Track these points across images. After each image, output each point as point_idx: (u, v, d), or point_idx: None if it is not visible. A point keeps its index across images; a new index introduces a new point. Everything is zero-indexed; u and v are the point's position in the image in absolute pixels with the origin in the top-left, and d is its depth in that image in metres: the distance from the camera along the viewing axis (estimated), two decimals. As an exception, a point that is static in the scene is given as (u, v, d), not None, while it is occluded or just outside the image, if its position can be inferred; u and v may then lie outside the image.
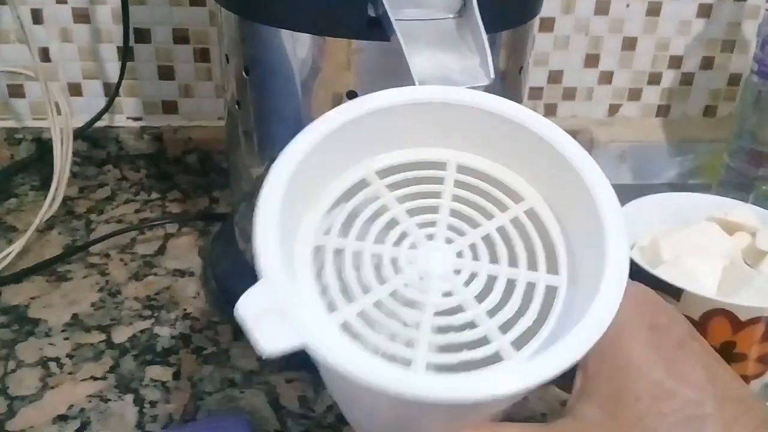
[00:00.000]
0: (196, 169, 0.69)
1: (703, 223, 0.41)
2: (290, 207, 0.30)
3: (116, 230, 0.58)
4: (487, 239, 0.32)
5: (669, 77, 0.73)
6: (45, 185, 0.66)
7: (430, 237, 0.31)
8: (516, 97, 0.45)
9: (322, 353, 0.25)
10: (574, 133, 0.76)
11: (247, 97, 0.43)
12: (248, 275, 0.52)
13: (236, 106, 0.44)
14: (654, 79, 0.73)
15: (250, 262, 0.50)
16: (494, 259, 0.31)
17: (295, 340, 0.25)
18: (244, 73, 0.42)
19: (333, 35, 0.37)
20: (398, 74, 0.36)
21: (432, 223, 0.32)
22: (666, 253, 0.38)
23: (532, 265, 0.31)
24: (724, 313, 0.35)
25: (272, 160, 0.38)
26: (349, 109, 0.32)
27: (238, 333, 0.49)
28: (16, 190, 0.66)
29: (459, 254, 0.31)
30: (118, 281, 0.54)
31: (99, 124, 0.66)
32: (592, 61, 0.71)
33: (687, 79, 0.74)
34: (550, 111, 0.73)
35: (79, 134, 0.65)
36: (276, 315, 0.25)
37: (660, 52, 0.72)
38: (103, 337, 0.49)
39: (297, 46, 0.38)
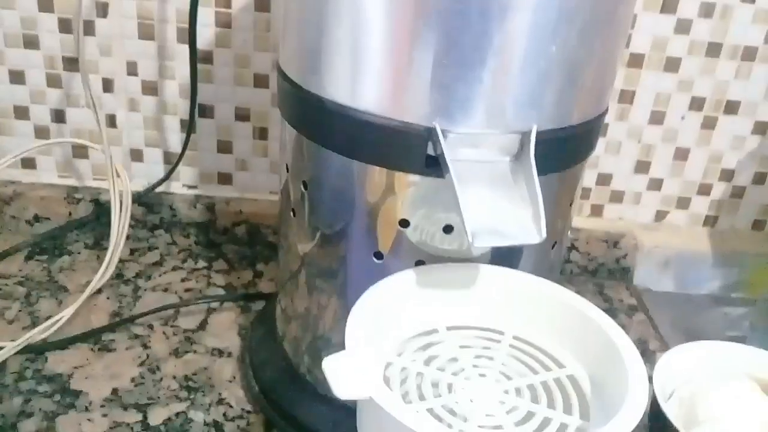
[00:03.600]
0: (243, 240, 0.71)
1: (742, 382, 0.41)
2: (375, 319, 0.37)
3: (160, 307, 0.60)
4: (531, 387, 0.37)
5: (719, 189, 0.73)
6: (98, 244, 0.69)
7: (483, 375, 0.38)
8: (565, 228, 0.46)
9: (383, 404, 0.31)
10: (619, 236, 0.75)
11: (303, 207, 0.44)
12: (283, 366, 0.53)
13: (291, 213, 0.45)
14: (704, 189, 0.73)
15: (287, 349, 0.51)
16: (535, 401, 0.36)
17: (362, 393, 0.32)
18: (302, 186, 0.43)
19: (393, 168, 0.39)
20: (448, 208, 0.38)
21: (486, 367, 0.38)
22: (702, 413, 0.38)
23: (567, 411, 0.36)
24: (756, 484, 0.35)
25: (323, 261, 0.44)
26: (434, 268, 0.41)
27: (269, 426, 0.50)
28: (70, 247, 0.68)
29: (505, 392, 0.37)
30: (158, 356, 0.56)
31: (155, 189, 0.68)
32: (642, 167, 0.72)
33: (737, 193, 0.73)
34: (596, 212, 0.74)
35: (137, 199, 0.67)
36: (351, 373, 0.33)
37: (712, 164, 0.72)
38: (140, 417, 0.50)
39: (357, 173, 0.40)
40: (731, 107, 0.69)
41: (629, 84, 0.68)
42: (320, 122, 0.41)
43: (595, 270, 0.73)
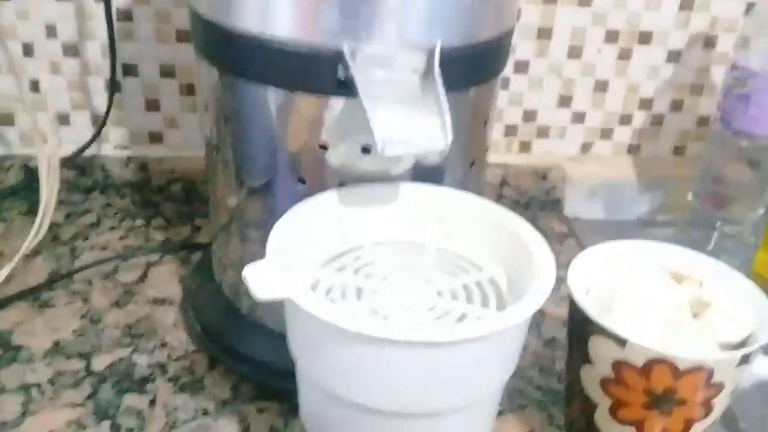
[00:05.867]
0: (179, 198, 0.71)
1: (655, 274, 0.43)
2: (297, 237, 0.39)
3: (99, 259, 0.60)
4: (452, 290, 0.40)
5: (640, 118, 0.76)
6: (32, 211, 0.68)
7: (406, 282, 0.40)
8: (482, 147, 0.48)
9: (301, 302, 0.32)
10: (547, 170, 0.78)
11: (225, 144, 0.45)
12: (224, 307, 0.54)
13: (214, 152, 0.46)
14: (625, 119, 0.76)
15: (226, 293, 0.52)
16: (455, 300, 0.39)
17: (281, 293, 0.33)
18: (224, 123, 0.44)
19: (307, 92, 0.40)
20: (364, 129, 0.39)
21: (409, 275, 0.41)
22: (617, 302, 0.41)
23: (485, 306, 0.39)
24: (664, 362, 0.38)
25: (249, 192, 0.45)
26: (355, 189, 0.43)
27: (213, 362, 0.51)
28: (3, 215, 0.68)
29: (427, 294, 0.39)
30: (99, 308, 0.56)
31: (86, 153, 0.68)
32: (565, 101, 0.74)
33: (657, 120, 0.77)
34: (524, 148, 0.76)
35: (67, 163, 0.67)
36: (270, 276, 0.34)
37: (630, 94, 0.75)
38: (83, 364, 0.51)
39: (273, 100, 0.41)
40: (644, 38, 0.72)
41: (546, 21, 0.70)
42: (234, 54, 0.41)
43: (527, 203, 0.75)
